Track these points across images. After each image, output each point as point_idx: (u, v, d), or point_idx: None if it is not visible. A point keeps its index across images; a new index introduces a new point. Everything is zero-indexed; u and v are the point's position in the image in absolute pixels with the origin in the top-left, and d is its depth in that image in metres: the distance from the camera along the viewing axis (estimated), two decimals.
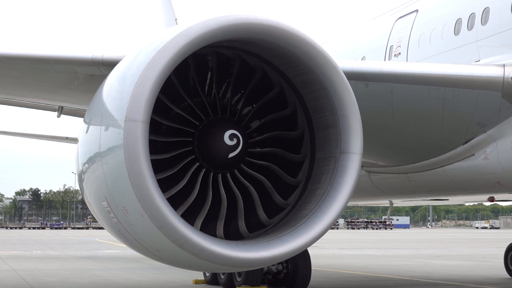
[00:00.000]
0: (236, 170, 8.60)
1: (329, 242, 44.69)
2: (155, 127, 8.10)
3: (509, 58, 10.84)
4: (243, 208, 8.55)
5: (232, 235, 8.59)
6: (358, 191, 9.57)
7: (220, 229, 8.46)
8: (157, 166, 7.87)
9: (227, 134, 8.32)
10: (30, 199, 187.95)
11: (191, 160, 8.36)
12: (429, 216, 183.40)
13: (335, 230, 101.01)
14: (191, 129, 8.44)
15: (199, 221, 8.34)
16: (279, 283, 14.82)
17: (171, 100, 8.44)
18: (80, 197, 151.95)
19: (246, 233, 8.63)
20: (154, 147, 8.02)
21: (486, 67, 10.91)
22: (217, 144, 8.33)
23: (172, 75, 8.17)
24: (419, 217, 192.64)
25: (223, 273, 14.83)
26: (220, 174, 8.54)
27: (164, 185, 7.91)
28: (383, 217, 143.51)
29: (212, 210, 8.45)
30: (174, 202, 8.01)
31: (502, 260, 20.12)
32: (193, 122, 8.46)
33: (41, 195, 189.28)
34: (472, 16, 11.98)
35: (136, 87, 7.56)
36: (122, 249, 32.18)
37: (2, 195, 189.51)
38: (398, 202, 19.29)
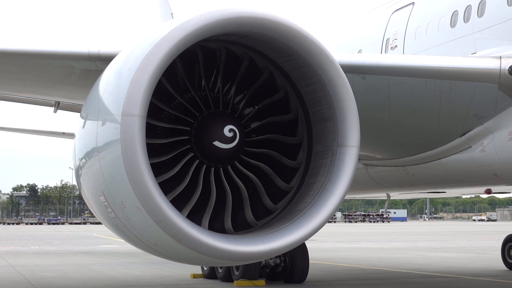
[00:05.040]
0: (229, 166, 8.58)
1: (327, 235, 44.75)
2: (154, 113, 8.10)
3: (506, 50, 10.84)
4: (233, 204, 8.51)
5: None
6: (356, 184, 9.58)
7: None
8: (152, 153, 7.86)
9: (224, 128, 8.31)
10: (27, 195, 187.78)
11: (186, 151, 8.34)
12: (426, 209, 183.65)
13: (332, 224, 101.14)
14: (187, 125, 8.43)
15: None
16: (277, 277, 14.85)
17: (173, 90, 8.44)
18: (77, 192, 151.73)
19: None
20: (151, 135, 8.02)
21: (483, 59, 10.91)
22: (214, 137, 8.31)
23: (178, 64, 8.19)
24: (416, 210, 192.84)
25: (221, 267, 14.86)
26: (214, 168, 8.51)
27: (157, 172, 7.88)
28: (380, 210, 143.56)
29: (202, 204, 8.43)
30: (167, 191, 7.98)
31: (500, 252, 20.16)
32: (192, 113, 8.45)
33: (38, 190, 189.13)
34: (468, 8, 11.98)
35: (132, 82, 7.55)
36: (120, 244, 32.19)
37: None
38: (395, 195, 19.32)
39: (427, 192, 17.73)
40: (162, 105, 8.35)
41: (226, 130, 8.31)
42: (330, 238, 42.02)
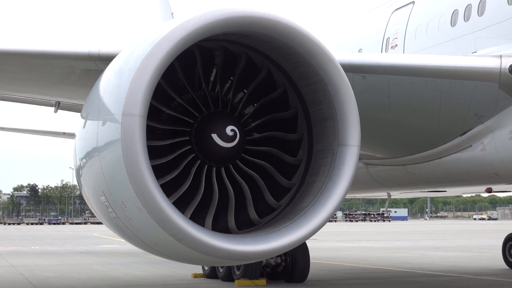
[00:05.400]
0: (231, 165, 8.57)
1: (328, 235, 44.75)
2: (154, 114, 8.10)
3: (506, 49, 10.84)
4: (236, 203, 8.51)
5: (220, 230, 8.49)
6: (356, 184, 9.57)
7: (208, 222, 8.42)
8: (153, 154, 7.86)
9: (224, 127, 8.31)
10: (28, 195, 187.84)
11: (187, 152, 8.35)
12: (427, 208, 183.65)
13: (333, 223, 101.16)
14: (187, 125, 8.42)
15: (189, 212, 8.27)
16: (278, 276, 14.86)
17: (172, 90, 8.44)
18: (78, 192, 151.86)
19: (234, 229, 8.56)
20: (152, 134, 8.02)
21: (483, 58, 10.91)
22: (214, 137, 8.30)
23: (176, 65, 8.19)
24: (417, 209, 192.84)
25: (222, 267, 14.86)
26: (215, 168, 8.50)
27: (158, 174, 7.87)
28: (381, 209, 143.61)
29: (204, 203, 8.43)
30: (168, 192, 7.97)
31: (500, 251, 20.17)
32: (192, 114, 8.44)
33: (39, 190, 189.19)
34: (468, 8, 11.97)
35: (133, 82, 7.55)
36: (120, 244, 32.20)
37: (0, 191, 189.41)
38: (396, 194, 19.33)
39: (428, 191, 17.73)
40: (162, 107, 8.34)
41: (227, 129, 8.31)
42: (330, 238, 42.03)
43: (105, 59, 9.73)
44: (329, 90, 8.60)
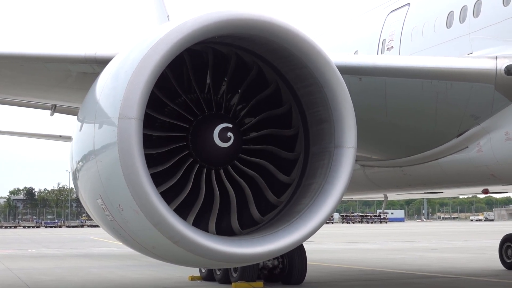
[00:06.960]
0: (229, 167, 8.58)
1: (325, 237, 44.75)
2: (149, 122, 8.10)
3: (502, 50, 10.85)
4: (236, 204, 8.52)
5: (224, 231, 8.55)
6: (353, 185, 9.57)
7: (212, 225, 8.44)
8: (150, 162, 7.86)
9: (220, 129, 8.31)
10: (25, 198, 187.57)
11: (184, 156, 8.35)
12: (423, 209, 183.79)
13: (330, 225, 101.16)
14: (185, 125, 8.42)
15: (192, 217, 8.30)
16: (275, 278, 14.85)
17: (165, 96, 8.43)
18: (74, 196, 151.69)
19: (238, 230, 8.60)
20: (148, 142, 8.02)
21: (479, 60, 10.92)
22: (210, 139, 8.31)
23: (166, 71, 8.18)
24: (413, 211, 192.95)
25: (219, 269, 14.86)
26: (214, 170, 8.51)
27: (157, 180, 7.89)
28: (378, 211, 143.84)
29: (205, 206, 8.43)
30: (167, 197, 8.00)
31: (497, 252, 20.19)
32: (187, 118, 8.44)
33: (36, 194, 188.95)
34: (464, 9, 11.99)
35: (129, 84, 7.55)
36: (117, 247, 32.17)
37: None
38: (393, 196, 19.33)
39: (424, 193, 17.74)
40: (156, 114, 8.33)
41: (223, 130, 8.31)
42: (328, 239, 42.03)
43: (101, 62, 9.73)
44: (325, 92, 8.61)
